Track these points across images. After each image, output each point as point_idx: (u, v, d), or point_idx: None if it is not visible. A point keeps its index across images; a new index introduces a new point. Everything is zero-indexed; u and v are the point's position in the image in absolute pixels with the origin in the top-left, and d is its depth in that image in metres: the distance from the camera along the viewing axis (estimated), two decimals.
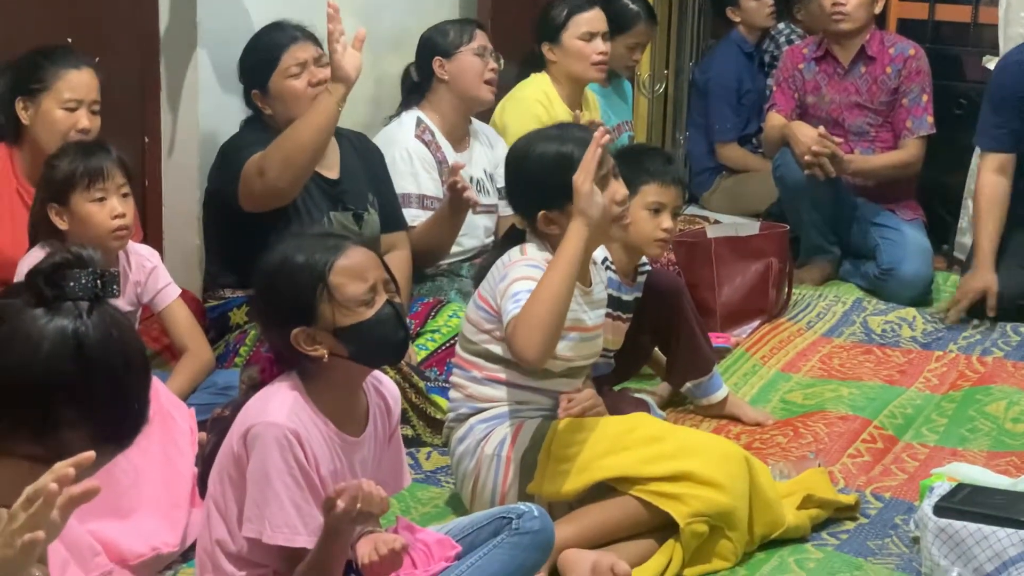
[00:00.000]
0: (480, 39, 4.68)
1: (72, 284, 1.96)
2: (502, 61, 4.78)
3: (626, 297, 3.84)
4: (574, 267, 3.20)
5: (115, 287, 2.00)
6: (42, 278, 1.96)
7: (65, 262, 1.98)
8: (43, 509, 1.82)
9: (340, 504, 2.58)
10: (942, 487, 3.32)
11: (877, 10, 5.54)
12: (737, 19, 6.24)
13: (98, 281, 1.98)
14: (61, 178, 3.48)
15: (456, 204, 4.32)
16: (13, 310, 1.96)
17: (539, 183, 3.38)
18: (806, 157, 5.21)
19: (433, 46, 4.69)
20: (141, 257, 3.70)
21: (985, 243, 4.93)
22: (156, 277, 3.70)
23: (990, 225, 4.93)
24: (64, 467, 1.83)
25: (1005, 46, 5.45)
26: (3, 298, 2.03)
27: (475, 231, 4.59)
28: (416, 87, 4.78)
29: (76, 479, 1.75)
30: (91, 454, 1.88)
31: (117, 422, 1.99)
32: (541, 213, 3.35)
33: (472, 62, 4.64)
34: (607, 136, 3.44)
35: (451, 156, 4.61)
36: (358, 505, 2.56)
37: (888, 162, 5.42)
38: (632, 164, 3.67)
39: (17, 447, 1.94)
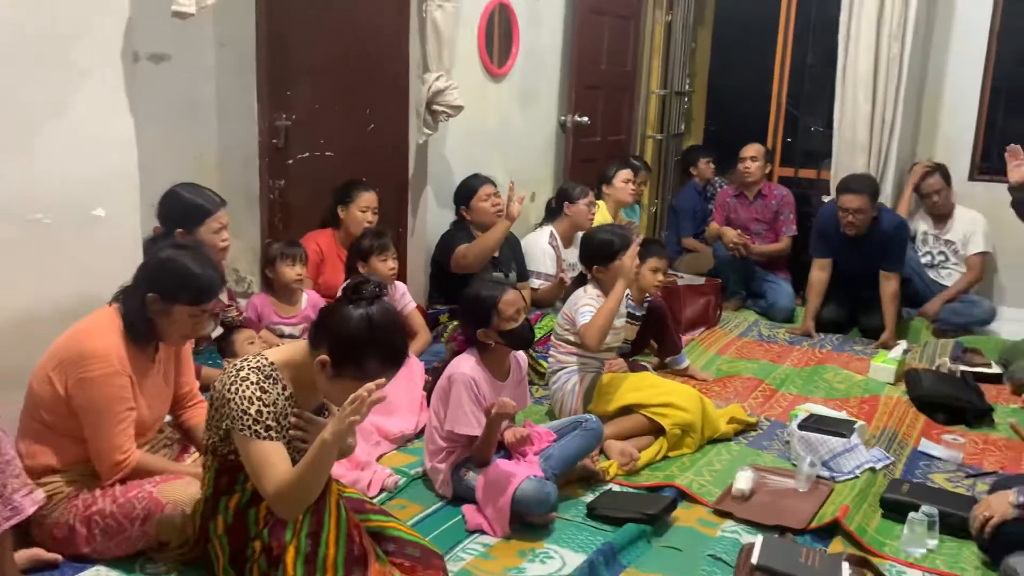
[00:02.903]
0: (590, 196, 4.63)
1: (366, 291, 2.06)
2: (597, 208, 4.78)
3: (638, 313, 3.86)
4: (616, 305, 3.24)
5: (385, 292, 2.11)
6: (352, 290, 2.05)
7: (361, 282, 2.07)
8: (359, 406, 1.90)
9: (493, 410, 2.64)
10: (801, 415, 3.33)
11: (767, 171, 5.52)
12: (695, 173, 6.22)
13: (377, 288, 2.07)
14: (364, 248, 3.57)
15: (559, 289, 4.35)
16: (338, 306, 2.05)
17: (596, 252, 3.42)
18: (730, 245, 5.20)
19: (566, 195, 4.64)
20: (399, 288, 3.76)
21: (810, 307, 4.87)
22: (405, 297, 3.77)
23: (814, 299, 4.85)
24: (370, 385, 1.91)
25: (833, 193, 5.40)
26: (334, 303, 2.11)
27: None
28: (552, 213, 4.76)
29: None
30: (382, 380, 1.96)
31: (392, 356, 2.06)
32: (595, 267, 3.39)
33: (584, 209, 4.58)
34: (639, 237, 3.49)
35: (564, 254, 4.57)
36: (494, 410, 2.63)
37: (773, 248, 5.35)
38: (645, 247, 3.65)
39: (345, 372, 2.02)
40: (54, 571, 2.27)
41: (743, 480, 2.88)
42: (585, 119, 5.42)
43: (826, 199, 5.46)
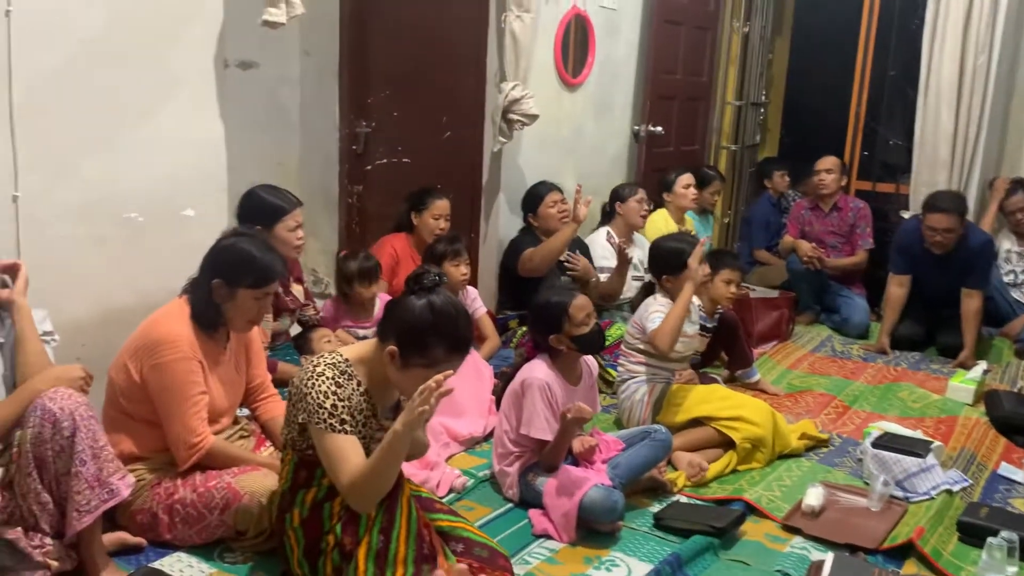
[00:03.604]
0: (641, 194, 4.62)
1: (426, 280, 2.08)
2: (651, 206, 4.76)
3: (709, 325, 3.79)
4: (685, 307, 3.21)
5: (445, 281, 2.15)
6: (413, 280, 2.08)
7: (421, 272, 2.11)
8: (428, 396, 1.92)
9: (568, 415, 2.64)
10: (875, 433, 3.24)
11: (843, 184, 5.40)
12: (769, 185, 6.13)
13: (436, 277, 2.09)
14: (438, 253, 3.61)
15: (622, 269, 4.32)
16: (401, 298, 2.12)
17: (664, 261, 3.40)
18: (805, 258, 5.10)
19: (617, 194, 4.66)
20: (470, 293, 3.79)
21: (886, 324, 4.74)
22: (476, 302, 3.78)
23: (891, 316, 4.72)
24: (439, 377, 1.94)
25: (913, 208, 5.26)
26: (398, 296, 2.17)
27: (631, 290, 4.51)
28: (607, 215, 4.76)
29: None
30: (451, 372, 1.98)
31: (457, 342, 2.08)
32: (664, 277, 3.37)
33: (636, 206, 4.59)
34: (703, 240, 3.46)
35: (631, 251, 4.52)
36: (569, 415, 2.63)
37: (848, 262, 5.22)
38: (717, 259, 3.63)
39: (413, 361, 2.05)
40: (138, 555, 2.36)
41: (813, 496, 2.82)
42: (659, 129, 5.39)
43: (905, 214, 5.32)
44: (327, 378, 2.07)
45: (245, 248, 2.39)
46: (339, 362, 2.12)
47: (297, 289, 3.39)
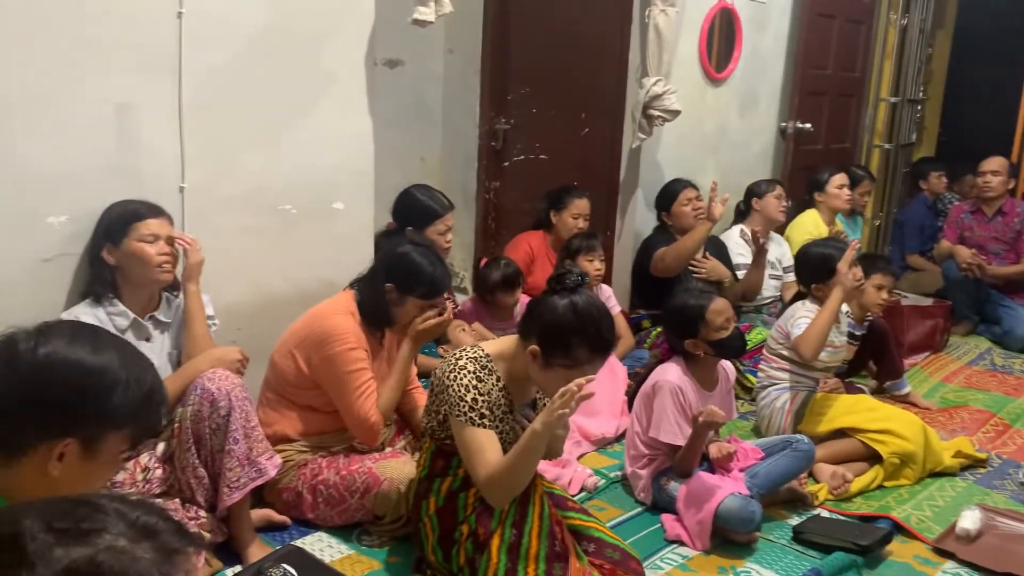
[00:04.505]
0: (779, 190, 4.47)
1: (569, 280, 2.07)
2: (789, 202, 4.60)
3: (857, 333, 3.63)
4: (834, 314, 3.07)
5: (587, 281, 2.13)
6: (555, 280, 2.07)
7: (564, 272, 2.10)
8: (568, 399, 1.91)
9: (700, 418, 2.58)
10: None
11: (1010, 187, 5.03)
12: (924, 187, 5.79)
13: (579, 278, 2.08)
14: (573, 248, 3.59)
15: (759, 260, 4.17)
16: (544, 297, 2.11)
17: (812, 268, 3.26)
18: (963, 265, 4.79)
19: (754, 191, 4.52)
20: (604, 290, 3.75)
21: None
22: (610, 300, 3.73)
23: None
24: (580, 381, 1.93)
25: None
26: (540, 295, 2.17)
27: (768, 289, 4.38)
28: (741, 214, 4.62)
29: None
30: (593, 377, 1.97)
31: (600, 343, 2.07)
32: (814, 285, 3.23)
33: (774, 202, 4.44)
34: (855, 243, 3.30)
35: (771, 249, 4.41)
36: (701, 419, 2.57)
37: (1012, 271, 4.87)
38: (868, 263, 3.47)
39: (555, 361, 2.05)
40: (282, 532, 2.47)
41: (969, 519, 2.65)
42: (807, 126, 5.20)
43: None
44: (469, 372, 2.10)
45: (419, 260, 2.51)
46: (480, 356, 2.14)
47: None
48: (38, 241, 2.28)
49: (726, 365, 2.90)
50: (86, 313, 2.22)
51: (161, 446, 2.27)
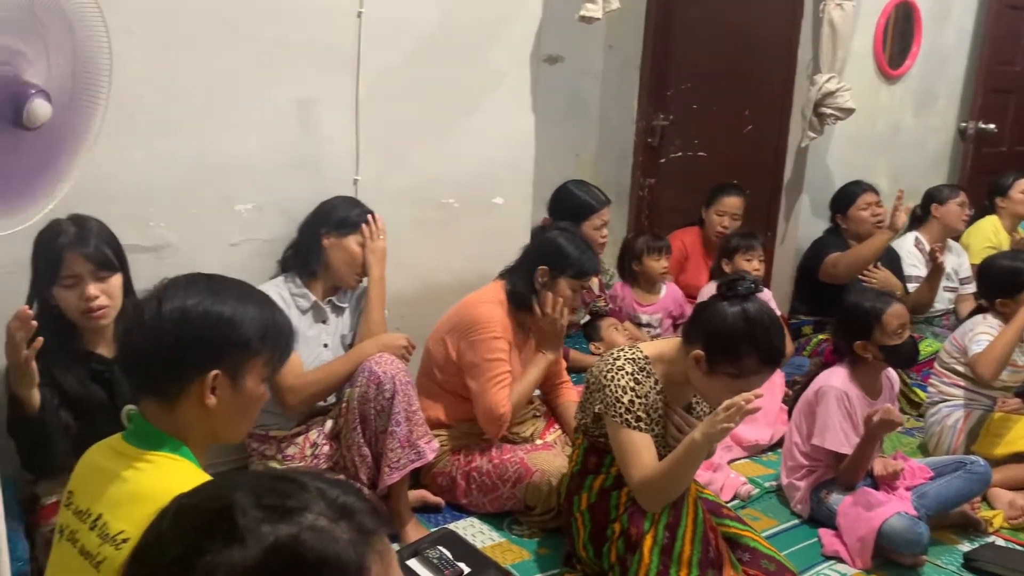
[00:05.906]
0: (962, 197, 4.18)
1: (741, 287, 2.02)
2: (972, 210, 4.29)
3: None
4: (1019, 333, 2.88)
5: (760, 289, 2.09)
6: (726, 286, 2.02)
7: (736, 279, 2.05)
8: (734, 413, 1.88)
9: (875, 417, 2.47)
10: None
11: None
12: None
13: (752, 285, 2.02)
14: (731, 246, 3.51)
15: (934, 279, 3.92)
16: (712, 302, 2.08)
17: (998, 283, 3.05)
18: None
19: (934, 196, 4.22)
20: (764, 294, 3.59)
21: None
22: (769, 304, 3.62)
23: None
24: (748, 395, 1.89)
25: None
26: (708, 300, 2.14)
27: (941, 301, 4.11)
28: (917, 220, 4.33)
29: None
30: (761, 393, 1.92)
31: (770, 354, 2.02)
32: (998, 300, 3.02)
33: (956, 210, 4.16)
34: None
35: (944, 258, 4.09)
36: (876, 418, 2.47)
37: None
38: None
39: (721, 368, 2.00)
40: (436, 514, 2.56)
41: None
42: (991, 126, 4.90)
43: None
44: (627, 373, 2.10)
45: (567, 243, 2.60)
46: (639, 358, 2.14)
47: (593, 282, 3.47)
48: (227, 227, 2.46)
49: (890, 374, 2.77)
50: (272, 289, 2.38)
51: (329, 423, 2.41)
